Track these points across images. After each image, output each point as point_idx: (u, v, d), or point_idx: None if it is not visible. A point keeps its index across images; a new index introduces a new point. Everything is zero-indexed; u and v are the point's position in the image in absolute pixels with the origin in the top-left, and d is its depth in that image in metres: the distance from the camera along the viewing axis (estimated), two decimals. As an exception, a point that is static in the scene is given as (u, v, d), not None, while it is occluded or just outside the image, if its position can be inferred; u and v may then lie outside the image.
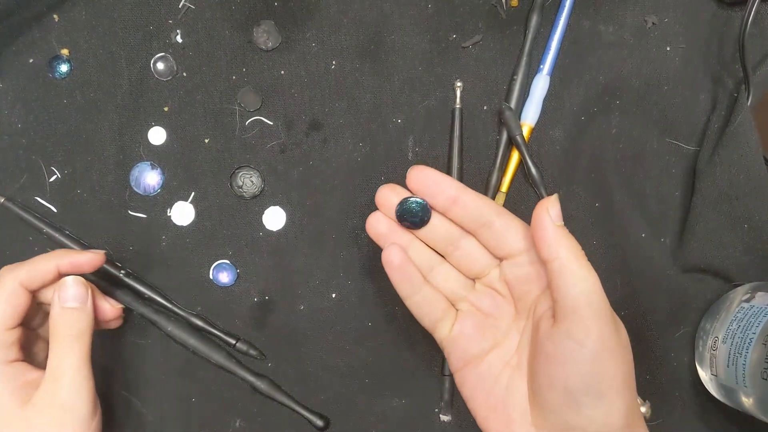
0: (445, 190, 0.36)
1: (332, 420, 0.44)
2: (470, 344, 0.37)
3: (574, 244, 0.33)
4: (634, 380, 0.33)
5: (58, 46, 0.43)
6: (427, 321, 0.38)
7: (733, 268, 0.43)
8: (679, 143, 0.44)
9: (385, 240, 0.38)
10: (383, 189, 0.37)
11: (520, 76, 0.43)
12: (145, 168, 0.44)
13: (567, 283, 0.32)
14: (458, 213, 0.36)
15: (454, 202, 0.36)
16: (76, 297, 0.37)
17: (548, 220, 0.33)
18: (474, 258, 0.38)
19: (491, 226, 0.36)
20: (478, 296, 0.38)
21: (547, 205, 0.33)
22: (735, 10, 0.43)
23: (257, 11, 0.44)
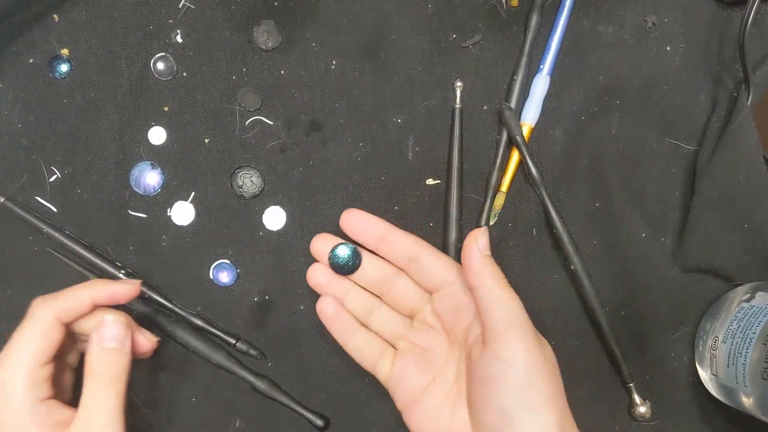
0: (372, 230, 0.40)
1: (332, 420, 0.44)
2: (411, 381, 0.39)
3: (497, 271, 0.36)
4: (563, 393, 0.35)
5: (58, 46, 0.43)
6: (367, 363, 0.41)
7: (733, 268, 0.43)
8: (679, 143, 0.44)
9: (325, 290, 0.41)
10: (316, 240, 0.41)
11: (520, 76, 0.43)
12: (145, 168, 0.44)
13: (492, 307, 0.35)
14: (387, 251, 0.40)
15: (381, 240, 0.39)
16: (116, 337, 0.36)
17: (476, 250, 0.36)
18: (408, 296, 0.40)
19: (419, 260, 0.39)
20: (415, 333, 0.40)
21: (476, 236, 0.36)
22: (735, 10, 0.43)
23: (257, 11, 0.44)
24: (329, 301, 0.40)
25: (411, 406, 0.39)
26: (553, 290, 0.44)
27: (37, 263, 0.43)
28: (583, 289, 0.43)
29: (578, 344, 0.44)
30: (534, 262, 0.44)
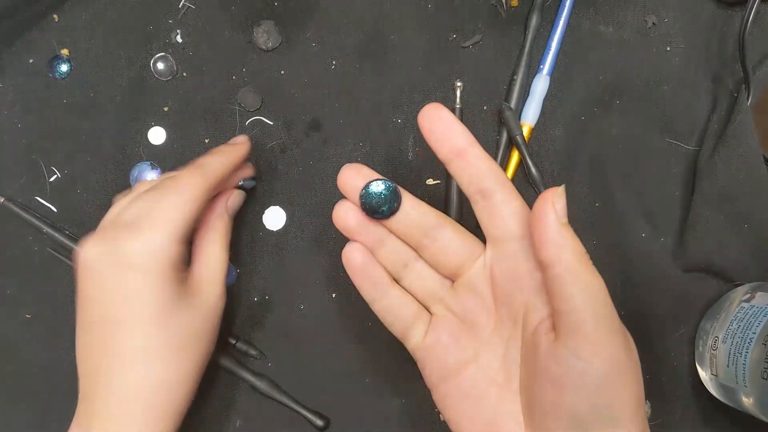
0: (452, 139, 0.31)
1: (332, 420, 0.44)
2: (446, 355, 0.33)
3: (578, 245, 0.28)
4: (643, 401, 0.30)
5: (58, 46, 0.43)
6: (396, 328, 0.35)
7: (733, 268, 0.43)
8: (679, 143, 0.44)
9: (354, 235, 0.34)
10: (346, 170, 0.33)
11: (520, 76, 0.43)
12: (145, 168, 0.44)
13: (572, 291, 0.28)
14: (459, 171, 0.31)
15: (458, 155, 0.31)
16: (237, 208, 0.41)
17: (552, 216, 0.28)
18: (452, 251, 0.33)
19: (490, 196, 0.31)
20: (456, 298, 0.34)
21: (552, 198, 0.28)
22: (735, 10, 0.43)
23: (257, 11, 0.44)
24: (357, 249, 0.34)
25: (444, 384, 0.33)
26: (553, 290, 0.44)
27: (37, 263, 0.43)
28: (583, 289, 0.43)
29: (578, 344, 0.44)
30: (534, 262, 0.44)
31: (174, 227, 0.33)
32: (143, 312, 0.33)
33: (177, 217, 0.34)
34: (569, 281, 0.28)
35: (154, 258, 0.33)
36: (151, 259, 0.33)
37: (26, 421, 0.43)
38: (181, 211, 0.34)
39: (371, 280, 0.34)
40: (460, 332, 0.33)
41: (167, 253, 0.33)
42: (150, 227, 0.33)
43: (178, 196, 0.34)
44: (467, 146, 0.31)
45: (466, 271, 0.33)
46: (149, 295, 0.33)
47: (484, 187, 0.31)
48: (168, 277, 0.33)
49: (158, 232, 0.33)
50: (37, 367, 0.43)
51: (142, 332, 0.33)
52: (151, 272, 0.33)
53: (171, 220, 0.33)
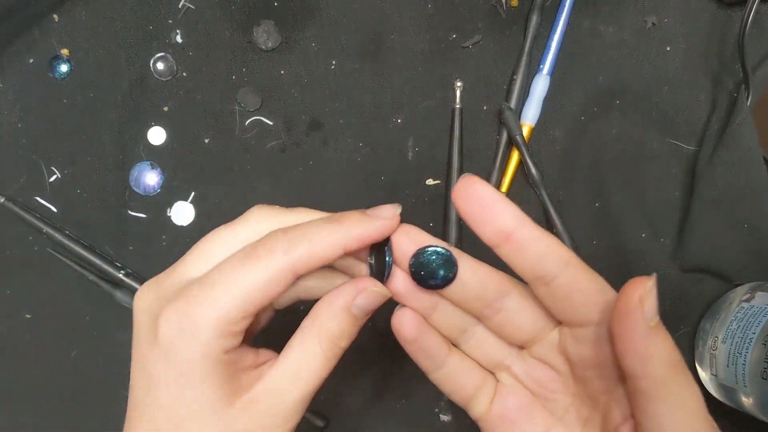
0: (497, 220, 0.25)
1: (332, 420, 0.44)
2: (513, 427, 0.29)
3: (673, 354, 0.24)
4: None
5: (58, 46, 0.43)
6: (458, 397, 0.30)
7: (733, 268, 0.43)
8: (679, 143, 0.44)
9: (406, 301, 0.29)
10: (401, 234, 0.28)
11: (520, 76, 0.43)
12: (145, 168, 0.44)
13: (660, 410, 0.24)
14: (509, 254, 0.26)
15: (507, 239, 0.26)
16: (367, 308, 0.28)
17: (639, 318, 0.23)
18: (520, 321, 0.28)
19: (553, 281, 0.26)
20: (527, 368, 0.29)
21: (641, 294, 0.23)
22: (735, 10, 0.43)
23: (257, 11, 0.44)
24: (408, 316, 0.29)
25: None
26: (553, 290, 0.44)
27: (37, 263, 0.43)
28: (583, 289, 0.43)
29: (578, 344, 0.44)
30: (534, 262, 0.44)
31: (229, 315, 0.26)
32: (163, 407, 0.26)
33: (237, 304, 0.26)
34: (656, 398, 0.24)
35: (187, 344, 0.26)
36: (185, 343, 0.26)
37: (26, 421, 0.43)
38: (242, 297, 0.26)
39: (427, 350, 0.29)
40: (531, 405, 0.29)
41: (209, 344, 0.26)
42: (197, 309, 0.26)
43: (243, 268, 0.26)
44: (517, 226, 0.25)
45: (537, 342, 0.29)
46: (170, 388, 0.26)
47: (544, 272, 0.26)
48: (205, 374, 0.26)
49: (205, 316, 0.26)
50: (37, 367, 0.43)
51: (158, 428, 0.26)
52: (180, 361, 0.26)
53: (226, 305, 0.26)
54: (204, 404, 0.26)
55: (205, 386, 0.26)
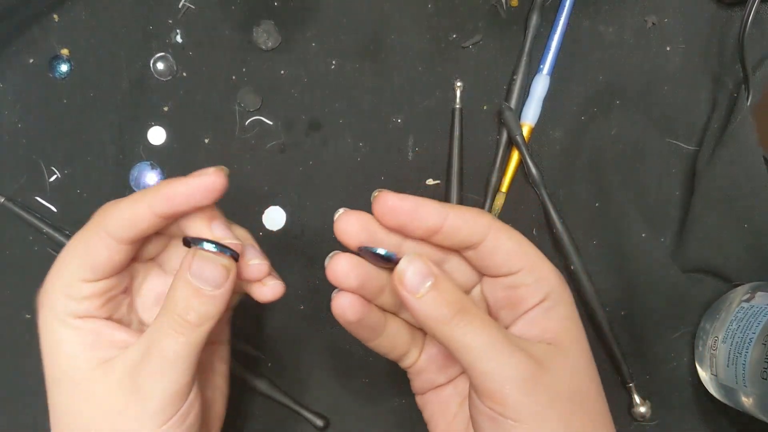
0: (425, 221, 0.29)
1: (332, 420, 0.44)
2: (437, 374, 0.34)
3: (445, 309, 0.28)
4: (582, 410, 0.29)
5: (58, 46, 0.43)
6: (392, 357, 0.34)
7: (733, 268, 0.43)
8: (679, 143, 0.44)
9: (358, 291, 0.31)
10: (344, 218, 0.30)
11: (520, 76, 0.43)
12: (145, 168, 0.44)
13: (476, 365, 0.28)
14: (442, 240, 0.30)
15: (437, 232, 0.29)
16: (209, 279, 0.29)
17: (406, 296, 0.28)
18: (457, 273, 0.32)
19: (477, 246, 0.30)
20: None
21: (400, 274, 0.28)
22: (735, 10, 0.43)
23: (257, 11, 0.44)
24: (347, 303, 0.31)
25: (429, 394, 0.34)
26: (553, 290, 0.44)
27: (37, 263, 0.43)
28: (583, 289, 0.43)
29: (578, 344, 0.44)
30: (534, 262, 0.44)
31: (63, 281, 0.29)
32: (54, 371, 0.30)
33: (63, 270, 0.30)
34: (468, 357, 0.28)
35: (45, 314, 0.30)
36: (44, 314, 0.30)
37: (26, 421, 0.43)
38: (67, 262, 0.30)
39: (365, 330, 0.32)
40: (447, 356, 0.33)
41: (59, 312, 0.29)
42: (47, 280, 0.30)
43: (69, 244, 0.30)
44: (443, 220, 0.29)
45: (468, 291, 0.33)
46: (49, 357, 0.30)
47: (471, 242, 0.30)
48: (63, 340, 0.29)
49: (49, 285, 0.30)
50: (37, 367, 0.43)
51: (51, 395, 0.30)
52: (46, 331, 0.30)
53: (59, 273, 0.30)
54: (69, 367, 0.29)
55: (66, 348, 0.29)
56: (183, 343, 0.28)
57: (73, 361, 0.29)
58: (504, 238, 0.30)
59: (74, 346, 0.29)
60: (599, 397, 0.30)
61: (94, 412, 0.28)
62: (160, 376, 0.28)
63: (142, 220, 0.29)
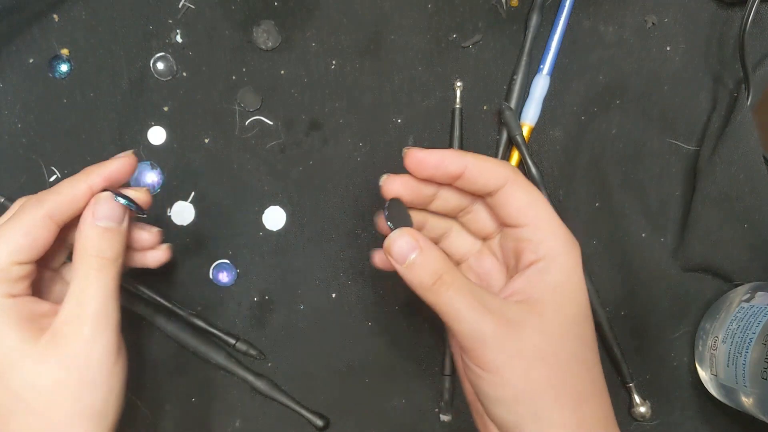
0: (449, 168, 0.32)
1: (332, 420, 0.44)
2: None
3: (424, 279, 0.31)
4: (594, 391, 0.31)
5: (58, 46, 0.43)
6: None
7: (733, 268, 0.43)
8: (679, 143, 0.44)
9: None
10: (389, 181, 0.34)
11: (520, 76, 0.43)
12: (145, 168, 0.44)
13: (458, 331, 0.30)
14: (463, 185, 0.33)
15: (458, 177, 0.33)
16: (112, 216, 0.32)
17: (397, 267, 0.31)
18: (483, 221, 0.35)
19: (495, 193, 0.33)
20: (479, 257, 0.36)
21: (388, 245, 0.31)
22: (735, 10, 0.43)
23: (257, 11, 0.44)
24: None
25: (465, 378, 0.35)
26: (553, 290, 0.44)
27: (37, 263, 0.43)
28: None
29: (578, 344, 0.44)
30: (534, 262, 0.44)
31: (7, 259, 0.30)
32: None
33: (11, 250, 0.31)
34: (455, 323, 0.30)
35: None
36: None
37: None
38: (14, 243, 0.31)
39: None
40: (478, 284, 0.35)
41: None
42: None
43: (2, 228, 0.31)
44: (465, 166, 0.32)
45: (491, 239, 0.36)
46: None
47: (489, 188, 0.33)
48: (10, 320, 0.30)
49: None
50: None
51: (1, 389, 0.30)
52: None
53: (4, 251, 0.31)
54: (13, 347, 0.30)
55: (6, 329, 0.30)
56: (109, 279, 0.32)
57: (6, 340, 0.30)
58: (519, 191, 0.32)
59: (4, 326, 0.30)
60: (583, 363, 0.31)
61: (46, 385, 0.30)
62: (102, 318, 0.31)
63: (81, 199, 0.32)
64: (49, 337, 0.30)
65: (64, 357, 0.30)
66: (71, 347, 0.30)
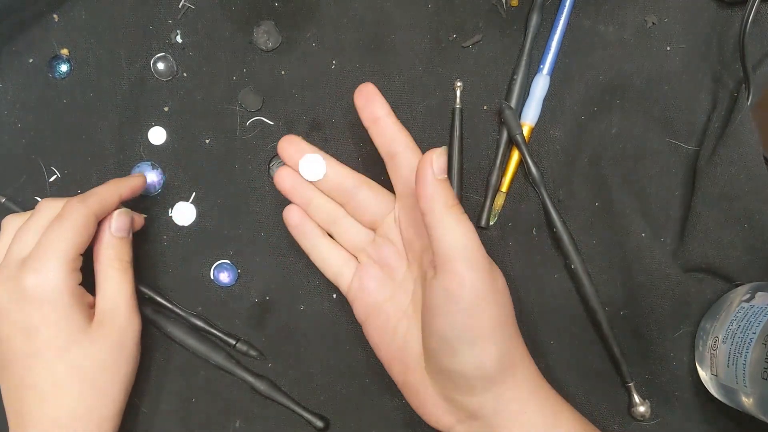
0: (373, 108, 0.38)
1: (332, 420, 0.44)
2: (370, 295, 0.40)
3: (450, 197, 0.34)
4: (511, 323, 0.36)
5: (58, 46, 0.43)
6: (329, 273, 0.41)
7: (733, 268, 0.43)
8: (679, 143, 0.44)
9: (291, 195, 0.40)
10: (284, 143, 0.39)
11: (520, 76, 0.43)
12: (146, 168, 0.44)
13: (441, 235, 0.33)
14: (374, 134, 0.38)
15: (374, 122, 0.38)
16: (125, 228, 0.39)
17: (429, 173, 0.33)
18: (370, 205, 0.39)
19: (395, 156, 0.38)
20: (376, 247, 0.40)
21: (432, 158, 0.33)
22: (735, 10, 0.43)
23: (257, 11, 0.44)
24: (293, 209, 0.40)
25: (369, 321, 0.40)
26: (553, 290, 0.44)
27: (37, 263, 0.43)
28: (583, 289, 0.43)
29: (578, 344, 0.44)
30: (534, 262, 0.44)
31: (64, 257, 0.36)
32: (47, 345, 0.36)
33: (63, 248, 0.36)
34: (439, 226, 0.33)
35: (50, 290, 0.35)
36: (47, 292, 0.35)
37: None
38: (66, 240, 0.36)
39: (305, 234, 0.41)
40: (380, 276, 0.40)
41: (62, 284, 0.36)
42: (41, 260, 0.35)
43: (61, 226, 0.36)
44: (383, 116, 0.38)
45: (382, 223, 0.40)
46: (50, 328, 0.36)
47: (391, 149, 0.38)
48: (68, 307, 0.36)
49: (49, 264, 0.35)
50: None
51: (47, 365, 0.36)
52: (50, 305, 0.36)
53: (59, 250, 0.36)
54: (78, 329, 0.36)
55: (73, 314, 0.36)
56: (131, 277, 0.40)
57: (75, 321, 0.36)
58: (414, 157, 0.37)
59: (76, 311, 0.36)
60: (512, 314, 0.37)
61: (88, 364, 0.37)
62: (131, 309, 0.39)
63: (113, 205, 0.39)
64: (96, 323, 0.37)
65: (108, 339, 0.37)
66: (113, 332, 0.38)
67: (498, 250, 0.44)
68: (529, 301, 0.44)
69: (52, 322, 0.36)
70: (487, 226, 0.44)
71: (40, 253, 0.36)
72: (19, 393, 0.36)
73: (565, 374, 0.43)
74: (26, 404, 0.36)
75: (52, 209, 0.38)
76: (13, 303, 0.36)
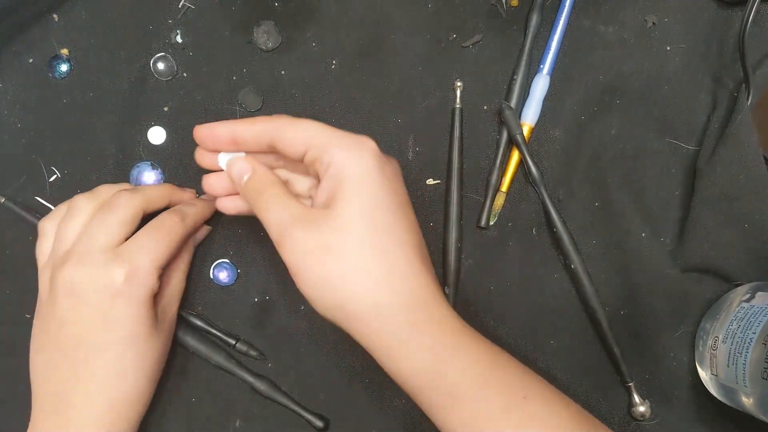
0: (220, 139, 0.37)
1: (332, 420, 0.44)
2: None
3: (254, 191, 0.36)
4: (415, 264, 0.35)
5: (58, 46, 0.43)
6: None
7: (733, 268, 0.43)
8: (679, 143, 0.44)
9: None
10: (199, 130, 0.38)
11: (520, 76, 0.43)
12: (145, 168, 0.44)
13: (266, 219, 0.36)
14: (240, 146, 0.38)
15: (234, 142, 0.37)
16: (200, 238, 0.44)
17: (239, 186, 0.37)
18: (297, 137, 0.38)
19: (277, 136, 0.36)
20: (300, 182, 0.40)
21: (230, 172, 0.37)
22: (735, 10, 0.43)
23: (257, 11, 0.44)
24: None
25: None
26: (553, 290, 0.44)
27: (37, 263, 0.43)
28: (583, 288, 0.43)
29: (578, 344, 0.44)
30: (534, 262, 0.44)
31: (159, 261, 0.38)
32: (123, 337, 0.37)
33: (162, 253, 0.38)
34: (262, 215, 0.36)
35: (139, 287, 0.37)
36: (137, 287, 0.37)
37: (27, 422, 0.43)
38: (165, 248, 0.38)
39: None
40: None
41: (150, 283, 0.37)
42: (139, 259, 0.37)
43: (166, 235, 0.39)
44: (233, 131, 0.37)
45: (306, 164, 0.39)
46: (132, 321, 0.37)
47: (262, 142, 0.37)
48: (148, 304, 0.38)
49: (147, 263, 0.37)
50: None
51: (118, 355, 0.37)
52: (136, 300, 0.37)
53: (158, 253, 0.38)
54: (150, 324, 0.38)
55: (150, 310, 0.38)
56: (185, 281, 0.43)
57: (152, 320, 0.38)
58: (290, 129, 0.36)
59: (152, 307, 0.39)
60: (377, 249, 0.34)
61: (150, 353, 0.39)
62: (176, 306, 0.42)
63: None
64: (160, 317, 0.40)
65: (164, 334, 0.40)
66: (168, 327, 0.41)
67: (498, 250, 0.44)
68: (529, 301, 0.44)
69: (134, 316, 0.37)
70: (487, 226, 0.44)
71: (141, 251, 0.37)
72: (75, 377, 0.37)
73: (565, 374, 0.43)
74: (81, 388, 0.37)
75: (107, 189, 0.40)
76: (98, 292, 0.36)
